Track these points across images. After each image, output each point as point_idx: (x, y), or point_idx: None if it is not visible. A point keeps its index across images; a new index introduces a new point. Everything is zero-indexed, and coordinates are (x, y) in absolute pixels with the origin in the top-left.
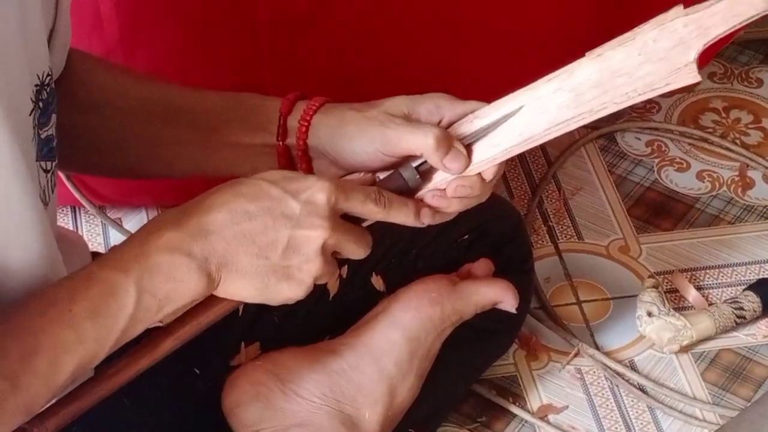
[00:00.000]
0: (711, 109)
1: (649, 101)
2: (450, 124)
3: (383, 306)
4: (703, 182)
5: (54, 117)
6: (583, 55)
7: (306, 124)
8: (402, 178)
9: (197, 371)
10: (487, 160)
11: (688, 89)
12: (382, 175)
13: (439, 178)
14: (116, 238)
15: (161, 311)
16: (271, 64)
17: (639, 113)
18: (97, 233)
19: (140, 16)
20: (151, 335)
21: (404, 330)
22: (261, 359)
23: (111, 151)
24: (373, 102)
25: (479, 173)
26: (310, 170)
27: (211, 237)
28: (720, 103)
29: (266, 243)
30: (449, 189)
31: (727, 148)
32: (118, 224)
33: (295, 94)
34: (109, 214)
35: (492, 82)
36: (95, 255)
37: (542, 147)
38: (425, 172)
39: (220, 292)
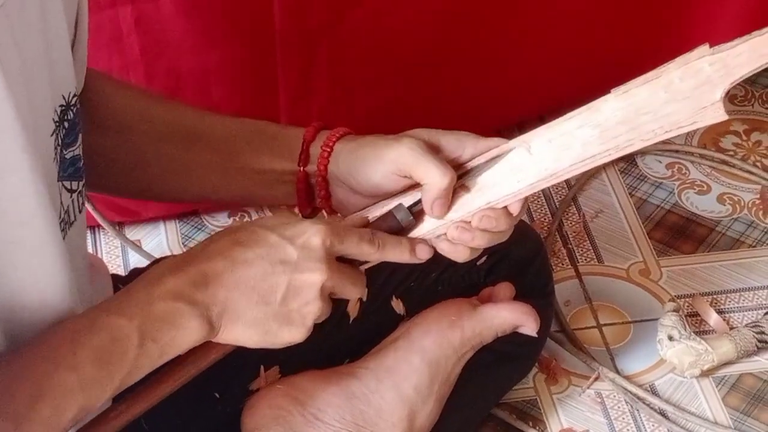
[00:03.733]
0: (732, 131)
1: None
2: (471, 158)
3: (403, 330)
4: (724, 205)
5: (80, 137)
6: (608, 92)
7: (329, 150)
8: (395, 219)
9: (217, 395)
10: (512, 194)
11: None
12: (373, 216)
13: (427, 225)
14: (135, 259)
15: (162, 357)
16: (286, 75)
17: None
18: (116, 255)
19: (159, 30)
20: (150, 379)
21: (424, 354)
22: (280, 383)
23: (128, 172)
24: (402, 133)
25: (505, 207)
26: (327, 197)
27: (212, 285)
28: (741, 125)
29: (266, 289)
30: (474, 219)
31: (748, 171)
32: (137, 246)
33: (319, 123)
34: (128, 235)
35: (513, 99)
36: (115, 278)
37: None
38: (417, 213)
39: (221, 338)
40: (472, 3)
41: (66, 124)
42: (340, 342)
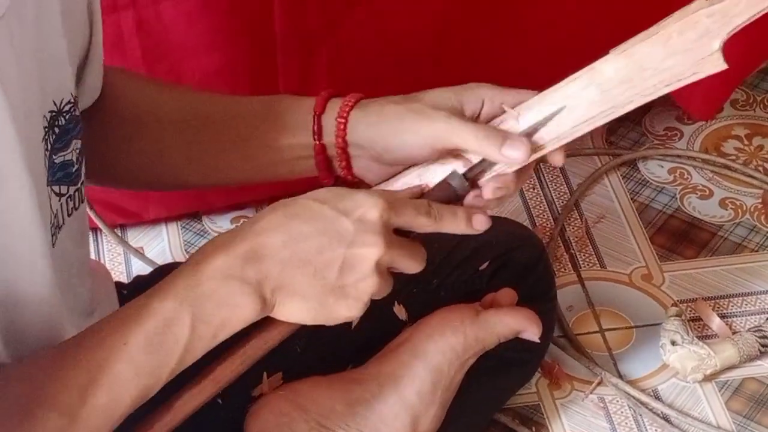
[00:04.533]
0: (733, 136)
1: (671, 129)
2: (491, 114)
3: (406, 336)
4: (726, 210)
5: (75, 143)
6: (607, 53)
7: (344, 120)
8: (451, 187)
9: (220, 401)
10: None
11: (710, 117)
12: (431, 184)
13: (484, 180)
14: (138, 266)
15: (216, 338)
16: (286, 77)
17: (661, 140)
18: (119, 262)
19: (161, 34)
20: (211, 366)
21: (427, 360)
22: (283, 389)
23: (151, 162)
24: (412, 95)
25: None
26: (349, 167)
27: (265, 260)
28: (742, 130)
29: (322, 263)
30: (487, 192)
31: (750, 176)
32: (140, 253)
33: (329, 92)
34: (131, 242)
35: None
36: (118, 285)
37: (564, 175)
38: (472, 179)
39: (277, 314)
40: (472, 4)
41: (56, 130)
42: (343, 348)
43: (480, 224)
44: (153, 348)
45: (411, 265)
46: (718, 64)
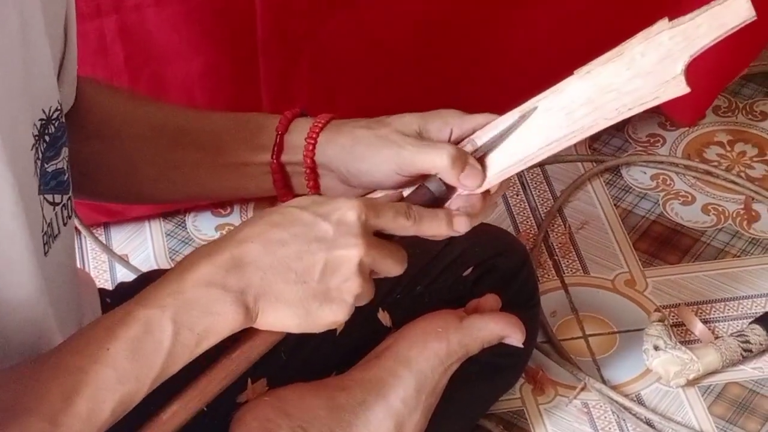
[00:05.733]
0: (716, 142)
1: (654, 135)
2: (459, 139)
3: (390, 342)
4: (709, 215)
5: (65, 150)
6: (571, 73)
7: (313, 141)
8: (429, 191)
9: (204, 408)
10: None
11: (692, 123)
12: (407, 191)
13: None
14: (123, 273)
15: (200, 346)
16: (268, 80)
17: (644, 147)
18: (104, 269)
19: (144, 39)
20: (198, 377)
21: (410, 366)
22: (268, 395)
23: (121, 176)
24: (381, 119)
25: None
26: (317, 187)
27: (246, 269)
28: (724, 136)
29: (303, 268)
30: (452, 209)
31: (732, 182)
32: (124, 260)
33: (293, 112)
34: (115, 249)
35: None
36: (102, 292)
37: (548, 181)
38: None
39: (261, 323)
40: (454, 8)
41: (47, 138)
42: (327, 354)
43: (461, 225)
44: (136, 354)
45: (392, 267)
46: (681, 88)
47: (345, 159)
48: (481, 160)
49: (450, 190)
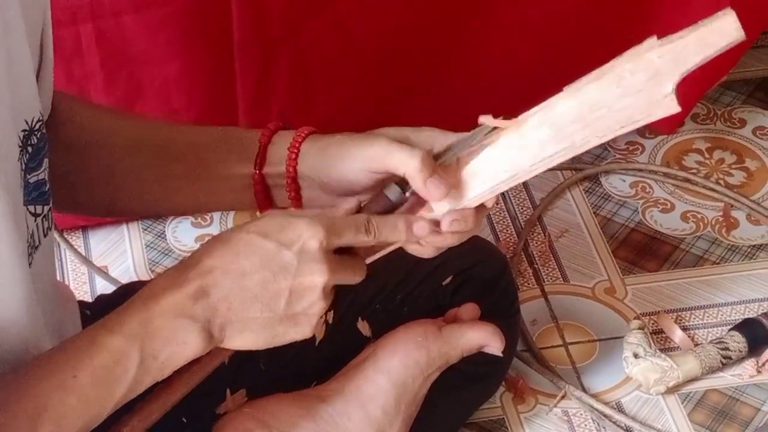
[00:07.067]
0: (694, 149)
1: (633, 143)
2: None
3: (369, 351)
4: (688, 223)
5: (46, 161)
6: (561, 90)
7: (296, 151)
8: (387, 199)
9: (184, 420)
10: (475, 198)
11: (671, 131)
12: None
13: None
14: (102, 285)
15: (163, 372)
16: (244, 84)
17: (623, 155)
18: (83, 281)
19: (120, 45)
20: (157, 389)
21: (390, 375)
22: (247, 406)
23: (100, 190)
24: (364, 132)
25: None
26: (298, 198)
27: (212, 298)
28: (703, 143)
29: (269, 298)
30: (444, 224)
31: (711, 189)
32: (104, 272)
33: (276, 124)
34: (95, 261)
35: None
36: (81, 304)
37: (527, 190)
38: (412, 193)
39: (226, 346)
40: (432, 12)
41: (30, 149)
42: (307, 365)
43: (420, 230)
44: (102, 381)
45: (354, 279)
46: (672, 107)
47: (321, 164)
48: (469, 173)
49: (407, 198)
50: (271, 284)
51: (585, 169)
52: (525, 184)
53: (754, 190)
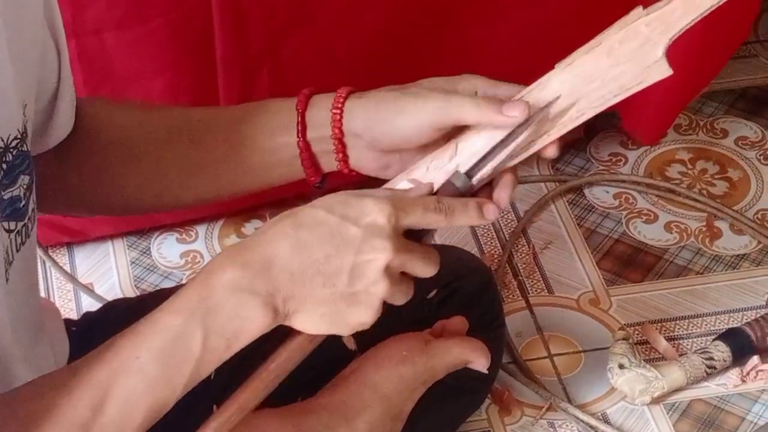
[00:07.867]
0: (677, 160)
1: (616, 154)
2: None
3: (355, 365)
4: (671, 233)
5: (23, 178)
6: (552, 67)
7: (339, 111)
8: (454, 186)
9: None
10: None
11: (654, 142)
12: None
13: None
14: (88, 302)
15: (230, 350)
16: (227, 100)
17: (606, 166)
18: (69, 299)
19: (103, 60)
20: (236, 391)
21: (376, 389)
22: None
23: (150, 186)
24: (405, 85)
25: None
26: (346, 160)
27: (274, 271)
28: (686, 154)
29: (331, 272)
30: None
31: (694, 199)
32: (89, 289)
33: (310, 89)
34: (80, 278)
35: None
36: (67, 321)
37: (511, 202)
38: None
39: (292, 325)
40: (414, 24)
41: (4, 166)
42: (293, 379)
43: (491, 213)
44: (165, 361)
45: (424, 268)
46: (664, 70)
47: (373, 120)
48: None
49: (474, 186)
50: (333, 258)
51: (569, 181)
52: None
53: (736, 200)
